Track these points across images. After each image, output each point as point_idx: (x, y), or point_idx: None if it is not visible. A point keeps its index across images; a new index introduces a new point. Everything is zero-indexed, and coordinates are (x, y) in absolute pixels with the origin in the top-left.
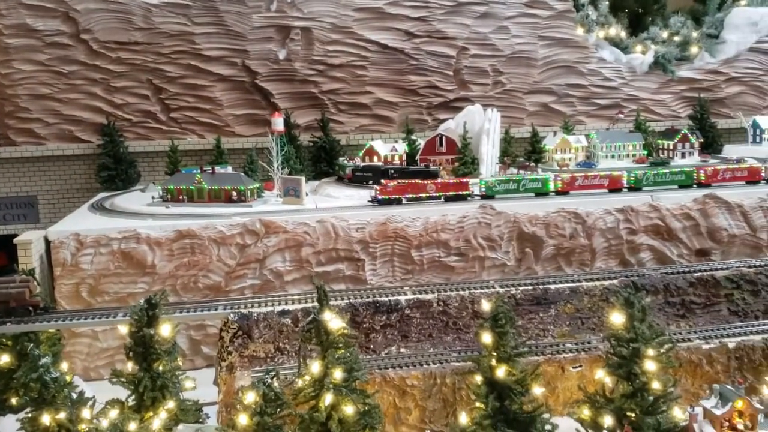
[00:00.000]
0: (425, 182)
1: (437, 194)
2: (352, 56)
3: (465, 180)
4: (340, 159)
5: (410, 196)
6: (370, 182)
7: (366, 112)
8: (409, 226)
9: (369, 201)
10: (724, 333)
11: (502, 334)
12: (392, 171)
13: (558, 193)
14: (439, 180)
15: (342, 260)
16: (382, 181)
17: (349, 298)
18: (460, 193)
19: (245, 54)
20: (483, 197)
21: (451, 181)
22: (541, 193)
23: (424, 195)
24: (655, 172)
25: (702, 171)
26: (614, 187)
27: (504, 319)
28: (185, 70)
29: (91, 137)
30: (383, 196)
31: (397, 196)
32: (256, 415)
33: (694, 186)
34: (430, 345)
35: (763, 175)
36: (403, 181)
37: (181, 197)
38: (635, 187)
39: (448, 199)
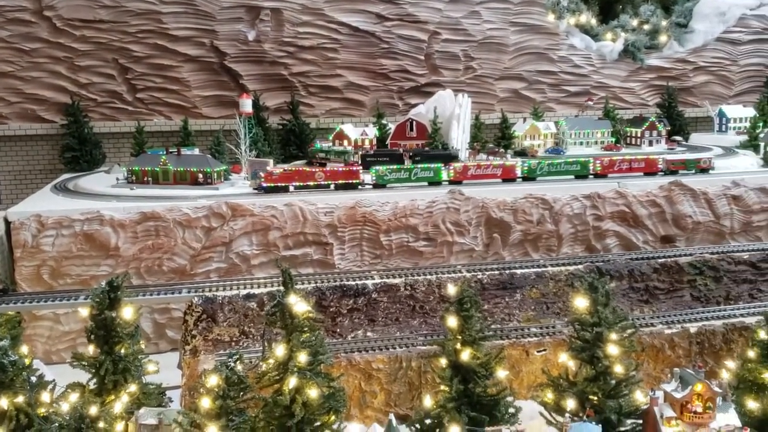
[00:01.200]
0: (314, 170)
1: (326, 182)
2: (323, 38)
3: (355, 168)
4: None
5: (297, 184)
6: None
7: (336, 95)
8: (378, 211)
9: (254, 189)
10: (687, 318)
11: (467, 318)
12: (411, 154)
13: (451, 182)
14: (328, 168)
15: (310, 244)
16: (268, 168)
17: (316, 282)
18: (350, 181)
19: (214, 34)
20: (374, 186)
21: (341, 169)
22: (434, 183)
23: (312, 183)
24: (549, 162)
25: (598, 161)
26: (507, 177)
27: (469, 303)
28: (152, 50)
29: (54, 117)
30: (269, 184)
31: (284, 184)
32: (218, 398)
33: (591, 177)
34: (397, 329)
35: (660, 166)
36: (289, 168)
37: (146, 179)
38: (529, 177)
39: (338, 188)
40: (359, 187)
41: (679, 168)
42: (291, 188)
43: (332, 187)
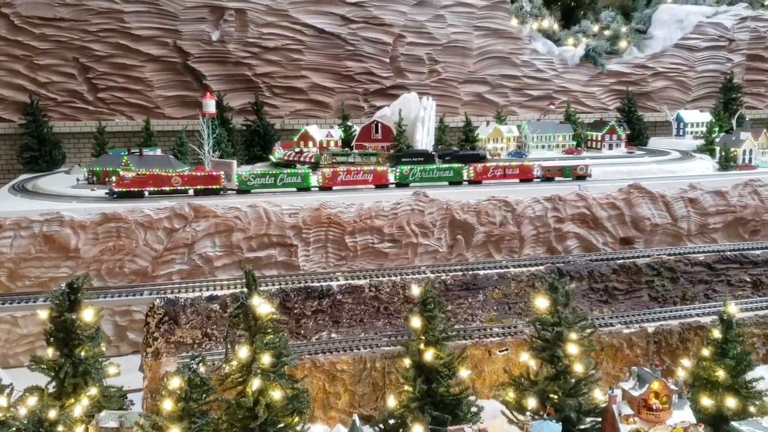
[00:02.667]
0: (170, 174)
1: (183, 187)
2: (288, 39)
3: (216, 173)
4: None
5: (152, 189)
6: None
7: (301, 96)
8: (343, 212)
9: (105, 193)
10: (644, 318)
11: (430, 318)
12: (442, 154)
13: (321, 188)
14: (186, 172)
15: (274, 246)
16: (120, 172)
17: (280, 284)
18: (211, 186)
19: (177, 34)
20: (238, 192)
21: (199, 174)
22: (302, 188)
23: (168, 188)
24: (422, 168)
25: (472, 168)
26: (379, 183)
27: (433, 304)
28: (114, 49)
29: (12, 116)
30: (120, 189)
31: (137, 189)
32: (181, 400)
33: (465, 183)
34: (361, 330)
35: (535, 173)
36: (143, 172)
37: (107, 180)
38: (402, 183)
39: (198, 193)
40: (221, 192)
41: (555, 175)
42: (146, 193)
43: (191, 192)
